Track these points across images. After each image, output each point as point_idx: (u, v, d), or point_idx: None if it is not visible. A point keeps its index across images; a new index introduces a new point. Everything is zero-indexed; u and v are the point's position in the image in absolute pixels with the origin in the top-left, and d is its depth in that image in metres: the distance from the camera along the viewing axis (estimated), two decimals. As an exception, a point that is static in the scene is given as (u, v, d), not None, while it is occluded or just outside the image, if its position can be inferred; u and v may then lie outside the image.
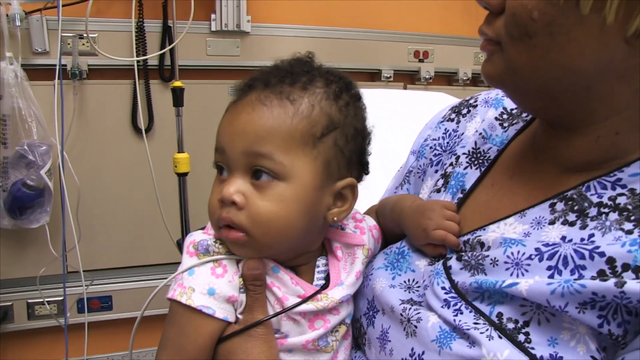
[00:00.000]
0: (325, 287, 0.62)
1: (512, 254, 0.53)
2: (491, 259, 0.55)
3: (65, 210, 1.73)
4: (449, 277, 0.58)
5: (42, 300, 1.85)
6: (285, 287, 0.60)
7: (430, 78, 2.21)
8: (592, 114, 0.54)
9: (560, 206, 0.55)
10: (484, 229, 0.60)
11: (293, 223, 0.57)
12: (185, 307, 0.56)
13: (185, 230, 1.66)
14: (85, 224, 1.82)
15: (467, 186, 0.67)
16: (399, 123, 1.17)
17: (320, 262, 0.65)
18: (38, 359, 1.96)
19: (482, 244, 0.58)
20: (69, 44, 1.76)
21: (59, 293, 1.86)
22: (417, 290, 0.62)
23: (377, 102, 1.26)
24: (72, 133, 1.82)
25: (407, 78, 2.25)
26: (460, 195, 0.67)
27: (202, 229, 0.64)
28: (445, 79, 2.31)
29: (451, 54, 2.25)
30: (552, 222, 0.54)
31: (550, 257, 0.51)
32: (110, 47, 1.77)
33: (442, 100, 1.39)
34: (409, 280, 0.64)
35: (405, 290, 0.62)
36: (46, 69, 1.76)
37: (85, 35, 1.76)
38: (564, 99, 0.54)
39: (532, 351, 0.47)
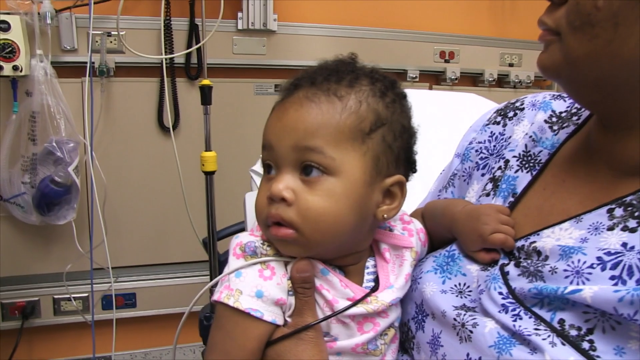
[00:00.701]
0: (375, 289, 0.61)
1: (572, 262, 0.52)
2: (550, 267, 0.53)
3: (94, 207, 1.74)
4: (507, 282, 0.56)
5: (68, 296, 1.87)
6: (334, 290, 0.59)
7: (456, 79, 2.19)
8: None
9: (619, 212, 0.53)
10: (538, 234, 0.59)
11: (343, 219, 0.57)
12: (233, 310, 0.55)
13: (212, 229, 1.66)
14: (110, 221, 1.83)
15: (519, 190, 0.66)
16: (434, 123, 1.16)
17: (370, 263, 0.64)
18: (64, 354, 1.98)
19: (538, 252, 0.57)
20: (97, 41, 1.77)
21: (84, 289, 1.88)
22: (469, 295, 0.61)
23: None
24: (98, 130, 1.83)
25: (433, 78, 2.23)
26: (512, 199, 0.66)
27: (240, 227, 0.63)
28: (471, 79, 2.29)
29: (477, 54, 2.23)
30: (610, 228, 0.53)
31: (614, 267, 0.49)
32: (137, 44, 1.77)
33: (475, 102, 1.37)
34: (459, 284, 0.63)
35: (456, 296, 0.61)
36: (73, 66, 1.77)
37: (113, 33, 1.77)
38: (622, 93, 0.52)
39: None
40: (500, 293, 0.56)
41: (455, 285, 0.63)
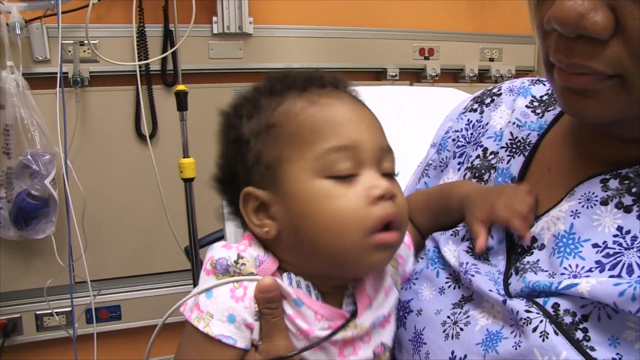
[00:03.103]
0: (355, 314, 0.56)
1: (569, 266, 0.49)
2: (549, 272, 0.51)
3: (71, 219, 1.71)
4: (506, 287, 0.54)
5: (50, 311, 1.82)
6: (311, 322, 0.54)
7: (437, 75, 2.18)
8: None
9: (614, 184, 0.50)
10: (536, 222, 0.56)
11: None
12: (203, 335, 0.51)
13: (193, 237, 1.63)
14: (91, 233, 1.79)
15: (516, 174, 0.63)
16: (413, 119, 1.14)
17: (350, 284, 0.58)
18: (48, 371, 1.94)
19: (534, 238, 0.55)
20: (69, 51, 1.74)
21: (66, 304, 1.83)
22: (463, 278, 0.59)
23: (386, 98, 1.23)
24: (75, 141, 1.80)
25: (413, 76, 2.22)
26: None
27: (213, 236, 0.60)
28: (452, 76, 2.28)
29: (457, 50, 2.22)
30: (604, 202, 0.50)
31: (613, 268, 0.47)
32: (112, 53, 1.74)
33: (453, 96, 1.36)
34: (455, 272, 0.60)
35: (454, 288, 0.59)
36: (48, 77, 1.74)
37: (85, 42, 1.73)
38: None
39: (592, 353, 0.43)
40: (498, 291, 0.53)
41: (451, 275, 0.60)
